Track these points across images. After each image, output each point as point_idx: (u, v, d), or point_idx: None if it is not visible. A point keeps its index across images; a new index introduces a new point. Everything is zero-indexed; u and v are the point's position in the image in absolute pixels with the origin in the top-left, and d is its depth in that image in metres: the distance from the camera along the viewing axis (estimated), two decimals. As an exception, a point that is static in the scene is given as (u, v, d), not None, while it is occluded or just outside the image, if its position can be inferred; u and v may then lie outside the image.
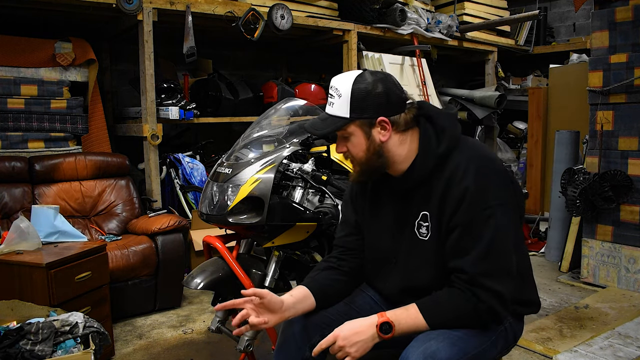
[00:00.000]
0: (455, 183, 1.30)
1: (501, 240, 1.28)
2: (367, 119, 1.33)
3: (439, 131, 1.36)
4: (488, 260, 1.26)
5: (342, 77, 1.35)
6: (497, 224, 1.27)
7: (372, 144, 1.35)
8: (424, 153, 1.35)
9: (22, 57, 3.23)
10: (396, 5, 4.55)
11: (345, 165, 2.12)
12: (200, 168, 3.94)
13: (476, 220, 1.27)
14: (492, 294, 1.26)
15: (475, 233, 1.27)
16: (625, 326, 2.58)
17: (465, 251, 1.28)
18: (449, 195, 1.31)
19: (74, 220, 3.06)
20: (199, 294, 3.31)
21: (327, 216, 1.84)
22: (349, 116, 1.33)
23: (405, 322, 1.28)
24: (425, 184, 1.36)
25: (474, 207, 1.27)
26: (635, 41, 3.05)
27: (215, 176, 1.88)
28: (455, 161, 1.33)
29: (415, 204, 1.39)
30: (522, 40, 6.00)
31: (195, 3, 3.52)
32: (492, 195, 1.28)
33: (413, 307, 1.30)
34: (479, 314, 1.27)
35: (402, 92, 1.36)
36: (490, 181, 1.30)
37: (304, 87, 4.58)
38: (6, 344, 1.74)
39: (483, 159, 1.33)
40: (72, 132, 3.43)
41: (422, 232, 1.38)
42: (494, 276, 1.26)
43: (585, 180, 3.20)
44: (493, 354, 1.36)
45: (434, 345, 1.22)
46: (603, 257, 3.27)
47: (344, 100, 1.32)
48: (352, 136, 1.35)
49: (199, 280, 1.81)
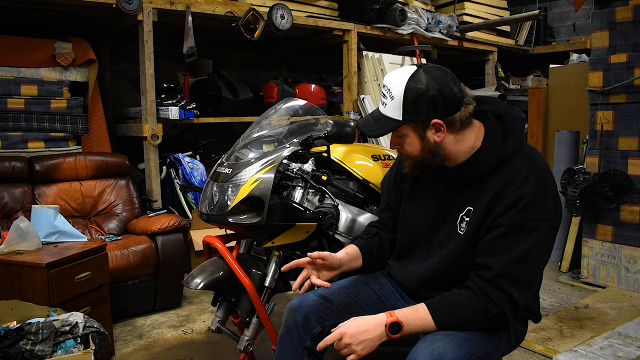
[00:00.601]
0: (514, 186, 1.29)
1: (536, 254, 1.28)
2: (421, 121, 1.31)
3: (508, 133, 1.35)
4: (518, 266, 1.26)
5: (395, 76, 1.32)
6: (539, 237, 1.27)
7: (427, 144, 1.34)
8: (488, 151, 1.34)
9: (22, 57, 3.23)
10: (396, 5, 4.54)
11: (346, 165, 2.12)
12: (200, 168, 3.94)
13: (522, 226, 1.27)
14: (507, 297, 1.25)
15: (517, 238, 1.27)
16: (625, 326, 2.58)
17: (499, 251, 1.27)
18: (503, 196, 1.29)
19: (74, 220, 3.06)
20: (199, 294, 3.31)
21: (327, 216, 1.84)
22: (402, 119, 1.31)
23: (414, 323, 1.27)
24: (479, 180, 1.35)
25: (524, 214, 1.26)
26: (635, 41, 3.05)
27: (215, 176, 1.88)
28: (517, 165, 1.32)
29: (463, 198, 1.38)
30: (522, 40, 6.00)
31: (195, 3, 3.52)
32: (545, 209, 1.28)
33: (422, 307, 1.30)
34: (489, 317, 1.27)
35: (459, 90, 1.31)
36: (547, 194, 1.29)
37: (304, 87, 4.58)
38: (6, 344, 1.74)
39: (545, 172, 1.33)
40: (72, 132, 3.43)
41: (462, 227, 1.37)
42: (516, 282, 1.26)
43: (585, 180, 3.20)
44: (497, 355, 1.36)
45: (442, 346, 1.22)
46: (603, 257, 3.27)
47: (397, 102, 1.30)
48: (406, 137, 1.34)
49: (199, 280, 1.81)
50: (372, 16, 4.48)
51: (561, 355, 2.32)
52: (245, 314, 1.88)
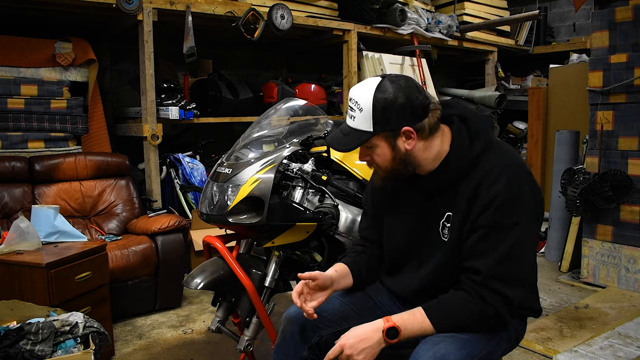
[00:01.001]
0: (487, 186, 1.28)
1: (522, 249, 1.28)
2: (391, 130, 1.30)
3: (473, 133, 1.35)
4: (505, 265, 1.26)
5: (361, 89, 1.32)
6: (520, 233, 1.27)
7: (398, 153, 1.33)
8: (456, 155, 1.34)
9: (22, 57, 3.23)
10: (396, 5, 4.55)
11: (346, 165, 2.12)
12: (200, 168, 3.94)
13: (500, 225, 1.27)
14: (501, 298, 1.25)
15: (498, 237, 1.26)
16: (625, 326, 2.58)
17: (484, 253, 1.27)
18: (478, 197, 1.29)
19: (74, 220, 3.06)
20: (199, 294, 3.31)
21: (327, 216, 1.84)
22: (372, 130, 1.30)
23: (412, 327, 1.27)
24: (453, 185, 1.35)
25: (500, 212, 1.26)
26: (635, 41, 3.05)
27: (215, 176, 1.88)
28: (488, 164, 1.31)
29: (440, 205, 1.38)
30: (522, 40, 6.00)
31: (195, 3, 3.52)
32: (521, 204, 1.28)
33: (419, 311, 1.29)
34: (486, 318, 1.27)
35: (424, 97, 1.32)
36: (521, 190, 1.29)
37: (304, 87, 4.58)
38: (6, 344, 1.74)
39: (517, 167, 1.32)
40: (72, 132, 3.43)
41: (445, 234, 1.37)
42: (507, 282, 1.26)
43: (585, 180, 3.19)
44: (498, 355, 1.36)
45: (443, 348, 1.22)
46: (603, 257, 3.27)
47: (366, 114, 1.29)
48: (377, 147, 1.33)
49: (199, 280, 1.81)
50: (372, 16, 4.48)
51: (561, 355, 2.32)
52: (245, 314, 1.88)
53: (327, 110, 4.61)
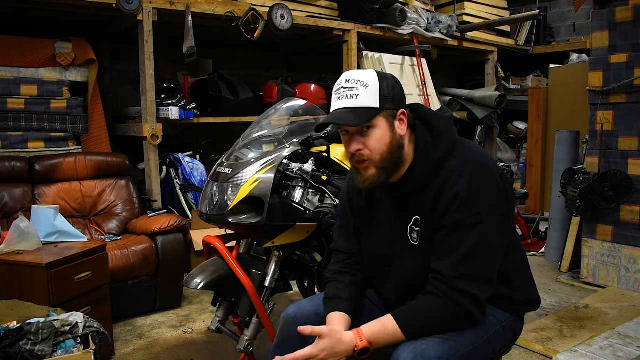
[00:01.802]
0: (448, 187, 1.29)
1: (485, 247, 1.27)
2: (392, 110, 1.31)
3: (436, 136, 1.35)
4: (469, 264, 1.25)
5: (359, 71, 1.32)
6: (483, 231, 1.26)
7: (395, 137, 1.32)
8: (421, 159, 1.34)
9: (22, 57, 3.23)
10: (396, 5, 4.55)
11: (346, 165, 2.12)
12: (200, 168, 3.94)
13: (462, 224, 1.27)
14: (469, 297, 1.25)
15: (459, 236, 1.27)
16: (625, 326, 2.58)
17: (447, 253, 1.27)
18: (440, 198, 1.30)
19: (74, 220, 3.06)
20: (199, 294, 3.31)
21: (327, 216, 1.84)
22: (379, 106, 1.29)
23: (384, 339, 1.27)
24: (420, 189, 1.35)
25: (462, 211, 1.27)
26: (635, 41, 3.05)
27: (215, 176, 1.88)
28: (450, 165, 1.32)
29: (409, 209, 1.38)
30: (522, 40, 6.00)
31: (195, 3, 3.52)
32: (482, 201, 1.27)
33: (390, 321, 1.28)
34: (456, 319, 1.27)
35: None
36: (482, 187, 1.29)
37: (304, 87, 4.58)
38: (6, 344, 1.74)
39: (478, 164, 1.32)
40: (72, 132, 3.43)
41: (414, 237, 1.37)
42: (473, 280, 1.25)
43: (585, 180, 3.19)
44: (489, 353, 1.36)
45: (423, 344, 1.23)
46: (603, 257, 3.27)
47: (372, 90, 1.29)
48: (377, 129, 1.30)
49: (199, 280, 1.81)
50: (372, 16, 4.48)
51: (561, 355, 2.32)
52: (245, 314, 1.88)
53: (327, 110, 4.58)
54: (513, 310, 1.43)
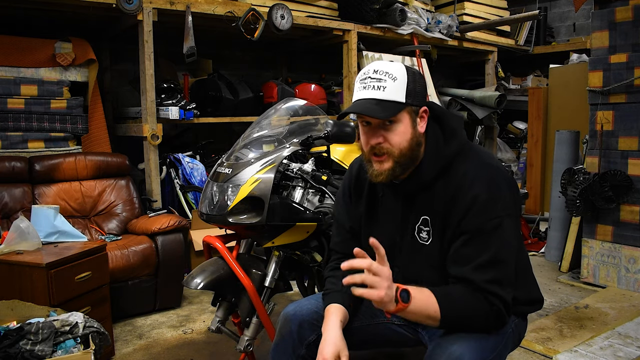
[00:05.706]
0: (465, 190, 1.28)
1: (506, 251, 1.27)
2: (416, 106, 1.30)
3: (448, 135, 1.34)
4: (494, 269, 1.25)
5: (388, 63, 1.30)
6: (503, 234, 1.26)
7: (415, 134, 1.31)
8: (433, 155, 1.32)
9: (22, 57, 3.22)
10: (396, 5, 4.54)
11: (346, 166, 2.12)
12: (200, 168, 3.94)
13: (483, 229, 1.26)
14: (500, 300, 1.25)
15: (482, 242, 1.26)
16: (625, 326, 2.58)
17: (469, 259, 1.26)
18: (456, 201, 1.28)
19: (74, 220, 3.06)
20: (199, 294, 3.31)
21: (327, 216, 1.84)
22: (404, 101, 1.27)
23: (420, 300, 1.21)
24: (427, 187, 1.34)
25: (482, 216, 1.26)
26: (635, 41, 3.05)
27: (215, 176, 1.88)
28: (463, 167, 1.31)
29: (415, 209, 1.37)
30: (522, 40, 6.00)
31: (195, 3, 3.52)
32: (501, 205, 1.27)
33: (426, 290, 1.24)
34: (489, 318, 1.26)
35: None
36: (501, 191, 1.29)
37: (304, 87, 4.58)
38: (6, 344, 1.74)
39: (493, 168, 1.32)
40: (72, 132, 3.43)
41: (423, 237, 1.36)
42: (500, 283, 1.25)
43: (585, 180, 3.19)
44: (504, 355, 1.36)
45: (458, 350, 1.21)
46: (603, 257, 3.27)
47: (400, 83, 1.26)
48: (400, 124, 1.28)
49: (199, 280, 1.81)
50: (372, 16, 4.48)
51: (561, 355, 2.32)
52: (245, 314, 1.88)
53: (327, 110, 4.61)
54: (518, 312, 1.43)
